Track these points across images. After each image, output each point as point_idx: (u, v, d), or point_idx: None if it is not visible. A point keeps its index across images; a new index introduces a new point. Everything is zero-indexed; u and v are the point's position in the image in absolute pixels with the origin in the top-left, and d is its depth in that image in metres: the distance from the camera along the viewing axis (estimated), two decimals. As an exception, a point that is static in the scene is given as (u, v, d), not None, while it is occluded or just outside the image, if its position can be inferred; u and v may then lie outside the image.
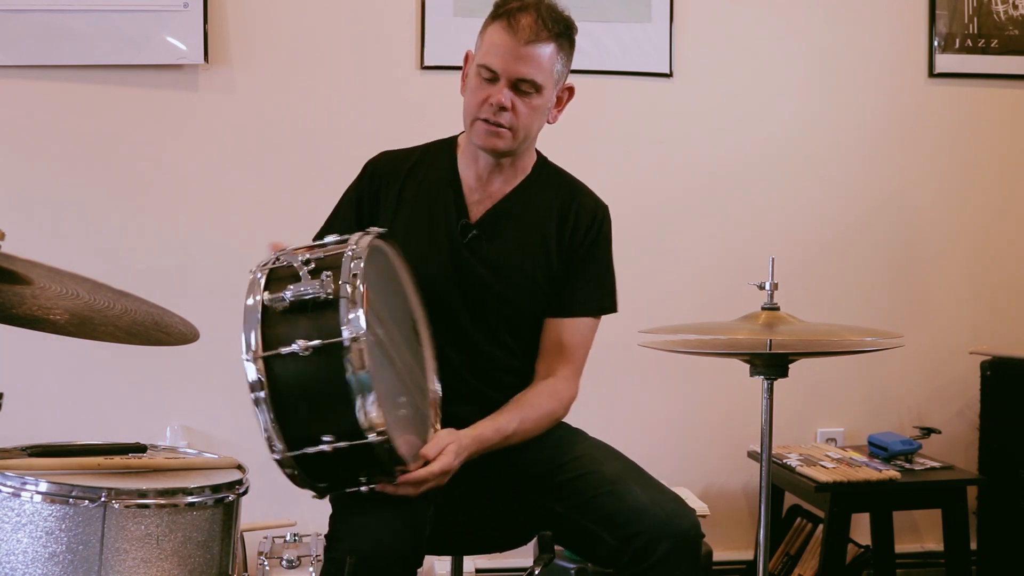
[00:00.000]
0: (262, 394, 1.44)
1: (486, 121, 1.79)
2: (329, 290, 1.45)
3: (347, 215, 1.95)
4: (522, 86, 1.78)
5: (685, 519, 1.66)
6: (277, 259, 1.54)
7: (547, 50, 1.77)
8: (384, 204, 1.91)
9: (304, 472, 1.50)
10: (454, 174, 1.91)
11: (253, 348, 1.44)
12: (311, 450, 1.46)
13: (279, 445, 1.47)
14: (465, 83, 1.86)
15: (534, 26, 1.75)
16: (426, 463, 1.61)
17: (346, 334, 1.41)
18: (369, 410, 1.41)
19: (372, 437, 1.43)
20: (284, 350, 1.43)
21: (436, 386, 1.79)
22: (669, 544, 1.62)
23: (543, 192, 1.92)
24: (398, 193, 1.91)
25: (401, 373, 1.64)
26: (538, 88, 1.79)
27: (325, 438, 1.45)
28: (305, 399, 1.45)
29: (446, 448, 1.64)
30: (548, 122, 1.89)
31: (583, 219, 1.91)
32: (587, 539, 1.72)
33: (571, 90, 1.89)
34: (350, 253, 1.50)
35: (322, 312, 1.44)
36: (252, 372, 1.44)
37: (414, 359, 1.75)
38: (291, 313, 1.46)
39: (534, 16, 1.76)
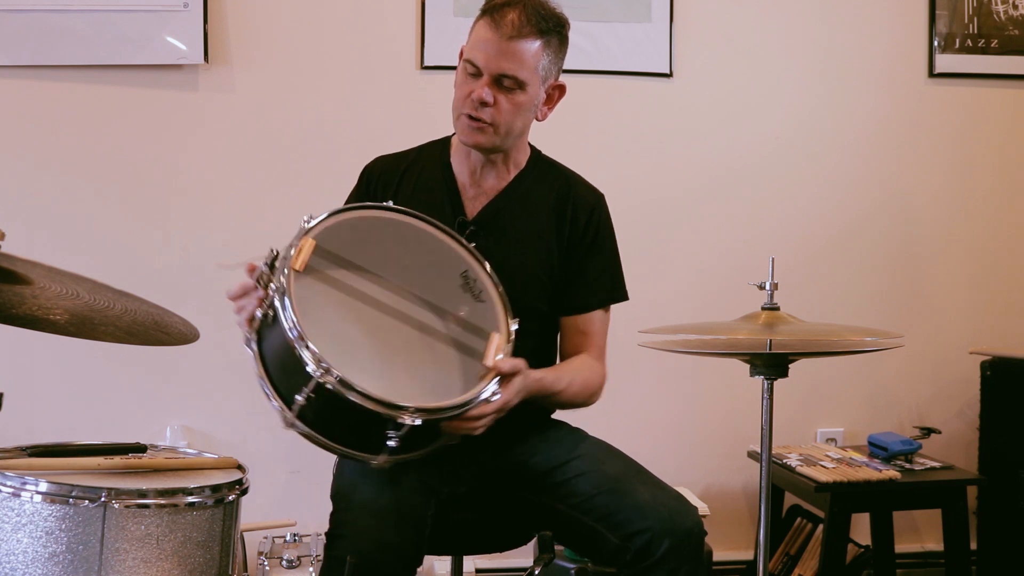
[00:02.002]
0: (259, 371, 1.58)
1: (469, 116, 1.80)
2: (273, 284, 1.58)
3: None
4: (505, 82, 1.77)
5: (687, 517, 1.66)
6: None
7: (532, 46, 1.76)
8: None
9: (315, 429, 1.55)
10: (448, 172, 1.92)
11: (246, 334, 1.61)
12: (299, 399, 1.50)
13: (284, 410, 1.54)
14: (456, 80, 1.86)
15: (518, 22, 1.74)
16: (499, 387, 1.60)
17: (276, 301, 1.53)
18: (310, 355, 1.48)
19: (319, 374, 1.47)
20: (258, 312, 1.58)
21: (503, 326, 1.70)
22: (671, 542, 1.62)
23: (538, 186, 1.92)
24: (394, 195, 1.92)
25: (414, 320, 1.68)
26: (521, 84, 1.78)
27: (301, 390, 1.50)
28: (277, 362, 1.56)
29: (512, 381, 1.61)
30: (537, 119, 1.88)
31: (581, 211, 1.91)
32: (589, 538, 1.72)
33: (562, 88, 1.89)
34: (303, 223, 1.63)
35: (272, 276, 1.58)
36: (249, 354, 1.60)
37: (450, 304, 1.72)
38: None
39: (519, 12, 1.75)
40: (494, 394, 1.59)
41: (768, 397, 2.00)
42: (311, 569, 2.53)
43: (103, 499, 1.45)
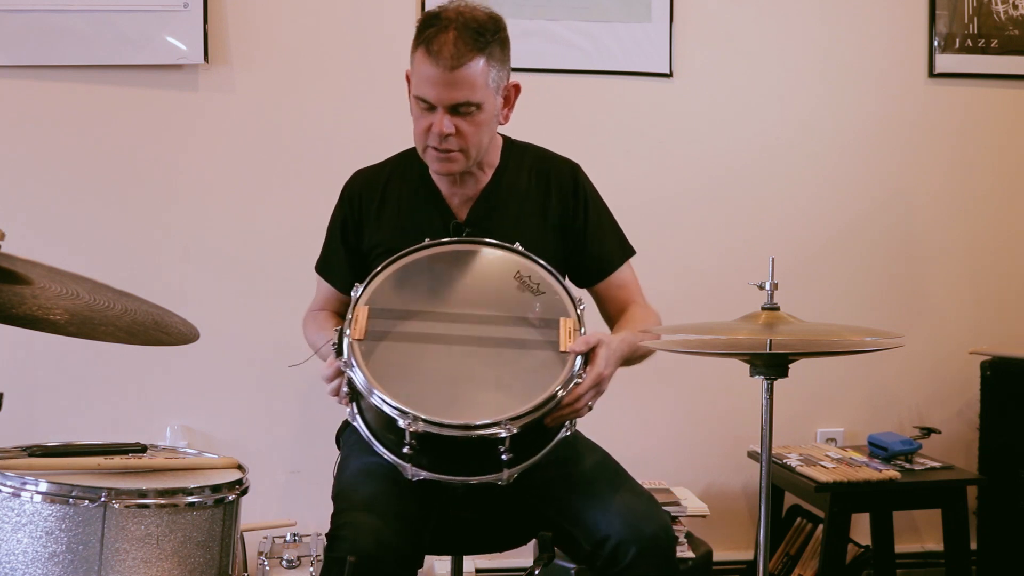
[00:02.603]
0: (370, 440, 1.68)
1: (436, 149, 1.80)
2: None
3: (335, 244, 1.99)
4: (461, 109, 1.76)
5: (652, 522, 1.65)
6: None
7: (476, 67, 1.74)
8: (367, 223, 1.94)
9: (438, 471, 1.61)
10: (429, 184, 1.93)
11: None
12: (406, 451, 1.57)
13: (404, 467, 1.61)
14: (410, 105, 1.86)
15: (455, 49, 1.71)
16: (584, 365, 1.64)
17: (349, 372, 1.63)
18: (391, 409, 1.56)
19: (406, 423, 1.54)
20: (344, 388, 1.68)
21: (570, 308, 1.74)
22: (637, 548, 1.62)
23: (517, 174, 1.94)
24: (378, 210, 1.93)
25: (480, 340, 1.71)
26: (478, 105, 1.76)
27: (403, 443, 1.57)
28: (376, 427, 1.66)
29: (596, 353, 1.64)
30: (501, 123, 1.89)
31: (565, 187, 1.94)
32: (568, 542, 1.74)
33: (517, 87, 1.88)
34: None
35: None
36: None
37: (512, 308, 1.74)
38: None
39: (453, 37, 1.72)
40: (579, 375, 1.62)
41: (768, 397, 1.99)
42: (311, 569, 2.53)
43: (103, 499, 1.45)
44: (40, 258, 1.36)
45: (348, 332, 1.65)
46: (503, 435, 1.53)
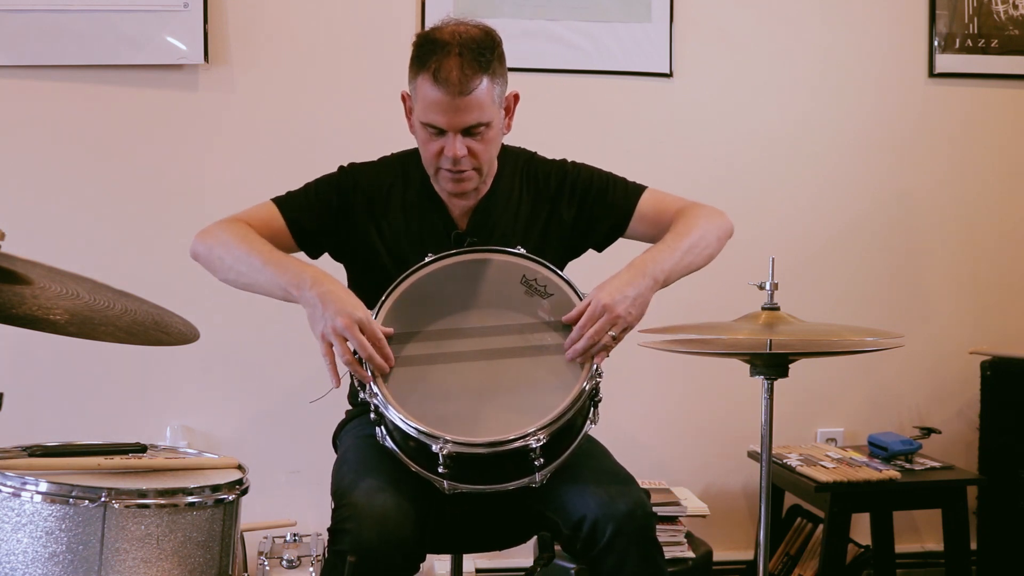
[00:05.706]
0: (407, 463, 1.69)
1: (449, 171, 1.80)
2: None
3: (319, 199, 1.95)
4: (472, 130, 1.77)
5: (626, 500, 1.65)
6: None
7: (483, 88, 1.74)
8: (371, 218, 1.92)
9: (474, 483, 1.64)
10: (431, 191, 1.93)
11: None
12: (441, 470, 1.60)
13: (441, 484, 1.63)
14: (411, 125, 1.86)
15: (461, 74, 1.71)
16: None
17: (377, 403, 1.66)
18: (423, 436, 1.59)
19: (438, 447, 1.58)
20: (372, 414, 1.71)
21: (577, 302, 1.74)
22: (614, 527, 1.63)
23: (511, 180, 1.95)
24: (384, 211, 1.92)
25: (493, 352, 1.73)
26: (487, 124, 1.78)
27: (438, 466, 1.60)
28: (410, 452, 1.66)
29: (593, 297, 1.68)
30: (504, 132, 1.90)
31: (552, 180, 1.95)
32: (551, 529, 1.75)
33: (516, 96, 1.89)
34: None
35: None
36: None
37: (523, 311, 1.76)
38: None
39: (458, 60, 1.71)
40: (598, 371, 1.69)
41: (768, 397, 1.99)
42: (311, 569, 2.53)
43: (103, 499, 1.45)
44: (40, 258, 1.36)
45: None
46: (534, 445, 1.58)
